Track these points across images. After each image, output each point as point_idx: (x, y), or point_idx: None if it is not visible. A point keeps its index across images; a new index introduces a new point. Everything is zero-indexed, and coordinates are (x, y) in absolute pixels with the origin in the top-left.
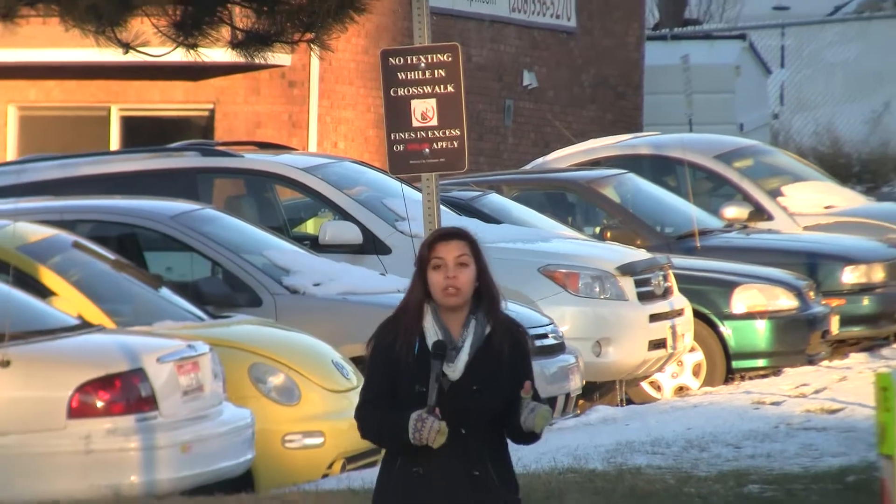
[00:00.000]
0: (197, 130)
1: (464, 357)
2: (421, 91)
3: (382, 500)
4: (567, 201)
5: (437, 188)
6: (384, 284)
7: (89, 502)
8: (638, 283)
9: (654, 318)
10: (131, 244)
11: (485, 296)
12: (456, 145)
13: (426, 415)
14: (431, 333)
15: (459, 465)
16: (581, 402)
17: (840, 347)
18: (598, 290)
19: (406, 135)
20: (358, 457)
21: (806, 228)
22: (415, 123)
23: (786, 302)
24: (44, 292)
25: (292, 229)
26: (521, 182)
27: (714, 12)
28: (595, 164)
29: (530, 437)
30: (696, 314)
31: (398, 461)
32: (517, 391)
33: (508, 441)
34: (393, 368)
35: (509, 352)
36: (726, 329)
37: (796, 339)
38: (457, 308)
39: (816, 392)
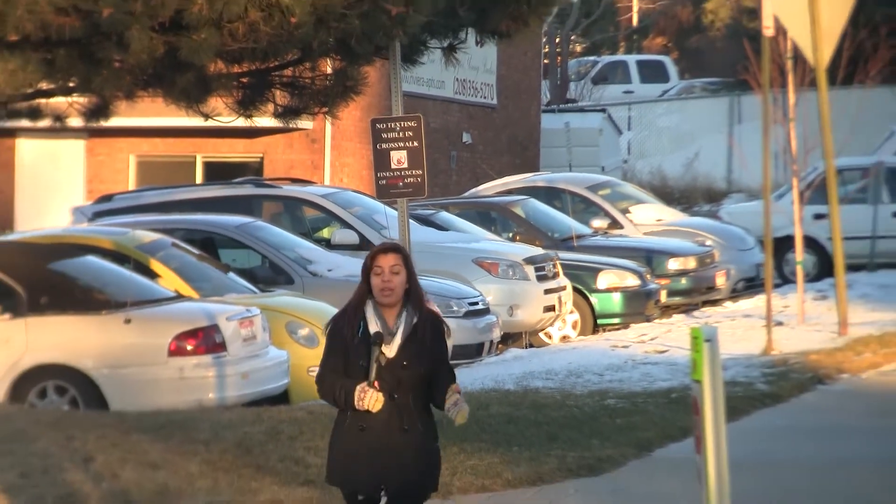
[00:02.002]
0: (252, 171)
1: (397, 340)
2: (397, 145)
3: (336, 447)
4: (491, 216)
5: (406, 208)
6: None
7: (182, 411)
8: (536, 269)
9: (547, 291)
10: (209, 244)
11: (413, 294)
12: (419, 180)
13: (367, 387)
14: (372, 323)
15: (393, 421)
16: (500, 346)
17: (667, 311)
18: (511, 273)
19: (387, 173)
20: None
21: (645, 234)
22: (393, 166)
23: (632, 281)
24: (152, 275)
25: (313, 234)
26: (461, 204)
27: (585, 94)
28: (509, 192)
29: None
30: (574, 289)
31: (348, 418)
32: (437, 365)
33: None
34: (343, 347)
35: (431, 336)
36: (594, 299)
37: (638, 305)
38: (391, 304)
39: (652, 339)
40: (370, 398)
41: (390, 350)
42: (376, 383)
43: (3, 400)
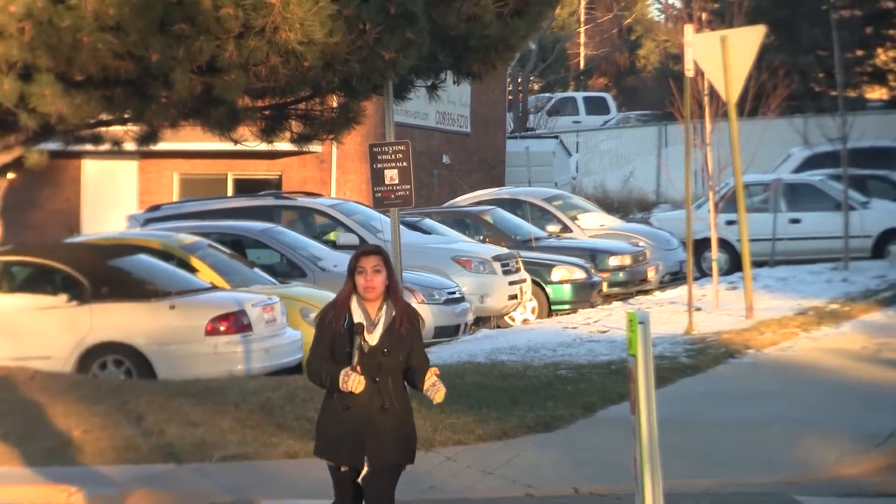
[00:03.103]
0: (272, 186)
1: (379, 330)
2: (390, 165)
3: (324, 425)
4: (465, 223)
5: (397, 216)
6: None
7: (216, 380)
8: (502, 265)
9: (511, 283)
10: (238, 245)
11: (392, 290)
12: (408, 193)
13: (350, 371)
14: (357, 315)
15: (375, 401)
16: (473, 327)
17: (608, 299)
18: (482, 269)
19: (382, 188)
20: None
21: (590, 237)
22: (386, 182)
23: (580, 275)
24: (192, 270)
25: (322, 237)
26: (442, 213)
27: (542, 124)
28: (480, 203)
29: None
30: (533, 281)
31: (334, 399)
32: (413, 352)
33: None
34: (331, 336)
35: (408, 327)
36: (549, 289)
37: (585, 294)
38: (373, 300)
39: (595, 322)
40: (353, 381)
41: (372, 338)
42: (358, 368)
43: (71, 370)
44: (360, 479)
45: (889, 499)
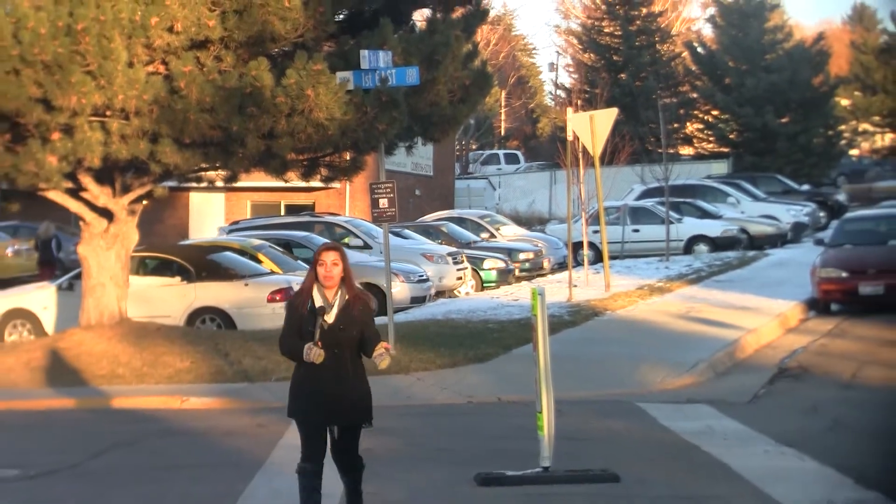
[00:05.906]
0: (309, 208)
1: (335, 311)
2: (382, 196)
3: (294, 389)
4: (430, 232)
5: (388, 228)
6: (371, 259)
7: (273, 330)
8: (453, 258)
9: (458, 270)
10: (287, 246)
11: (346, 279)
12: (394, 214)
13: (312, 345)
14: (318, 300)
15: (334, 369)
16: (434, 297)
17: (519, 280)
18: (440, 261)
19: (378, 210)
20: None
21: (508, 241)
22: (380, 206)
23: (502, 264)
24: (258, 262)
25: (340, 241)
26: (415, 226)
27: (477, 170)
28: (439, 220)
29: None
30: (472, 268)
31: (302, 368)
32: (365, 328)
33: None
34: (297, 317)
35: (360, 309)
36: (482, 273)
37: (505, 277)
38: (331, 287)
39: (512, 293)
40: (314, 353)
41: (330, 318)
42: (319, 343)
43: (182, 325)
44: (327, 434)
45: (695, 404)
